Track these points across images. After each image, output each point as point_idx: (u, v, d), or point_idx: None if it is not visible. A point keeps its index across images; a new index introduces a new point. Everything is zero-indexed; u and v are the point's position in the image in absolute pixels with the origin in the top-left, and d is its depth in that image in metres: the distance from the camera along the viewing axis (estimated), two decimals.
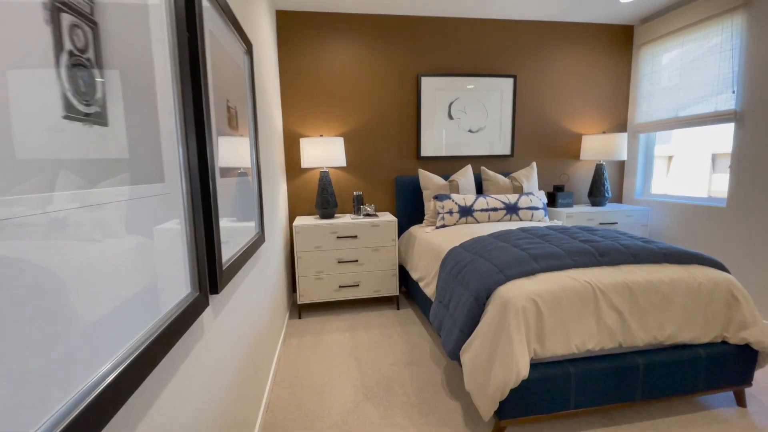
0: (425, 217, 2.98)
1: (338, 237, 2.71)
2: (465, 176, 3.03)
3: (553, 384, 1.46)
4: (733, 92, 2.57)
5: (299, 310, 2.78)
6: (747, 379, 1.63)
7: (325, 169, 2.87)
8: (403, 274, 3.15)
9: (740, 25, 2.50)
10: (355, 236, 2.73)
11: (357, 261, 2.77)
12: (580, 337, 1.50)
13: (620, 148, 3.20)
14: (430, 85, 3.16)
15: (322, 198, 2.83)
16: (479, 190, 3.27)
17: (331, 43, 3.00)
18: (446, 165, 3.32)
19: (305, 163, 2.77)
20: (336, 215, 3.05)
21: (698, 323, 1.60)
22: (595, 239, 1.91)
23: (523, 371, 1.37)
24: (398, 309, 2.91)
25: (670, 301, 1.58)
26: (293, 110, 3.02)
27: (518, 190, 3.06)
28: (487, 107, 3.28)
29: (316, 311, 2.92)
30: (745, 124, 2.52)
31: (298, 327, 2.63)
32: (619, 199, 3.68)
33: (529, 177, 3.12)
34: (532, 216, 2.85)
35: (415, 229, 2.94)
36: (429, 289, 2.30)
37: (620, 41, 3.44)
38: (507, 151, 3.37)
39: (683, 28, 2.90)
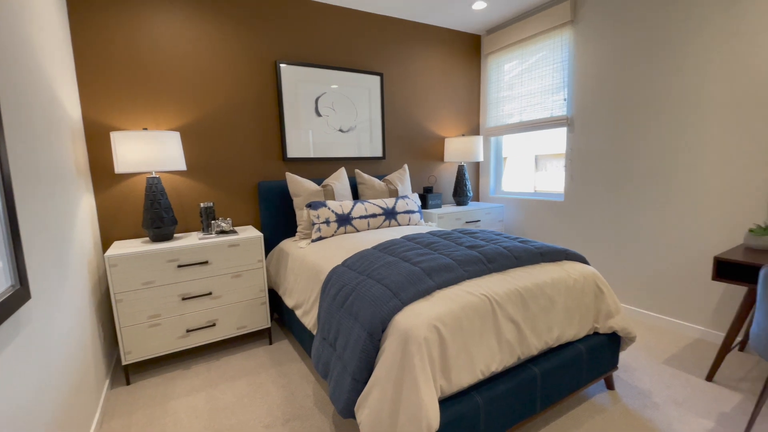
0: (298, 229, 2.54)
1: (180, 266, 2.04)
2: (340, 180, 2.72)
3: (463, 422, 1.26)
4: (565, 100, 2.95)
5: (126, 372, 2.00)
6: (615, 363, 1.77)
7: (154, 175, 2.15)
8: (275, 299, 2.64)
9: (569, 40, 2.86)
10: (206, 262, 2.11)
11: (211, 294, 2.15)
12: (484, 360, 1.34)
13: (477, 150, 3.39)
14: (291, 75, 2.73)
15: (153, 214, 2.10)
16: (355, 195, 3.01)
17: (157, 12, 2.27)
18: (317, 168, 2.95)
19: (121, 166, 2.00)
20: (176, 236, 2.34)
21: (576, 320, 1.64)
22: (479, 244, 1.83)
23: (434, 422, 1.11)
24: (271, 344, 2.40)
25: (554, 302, 1.58)
26: (99, 95, 2.18)
27: (394, 193, 2.91)
28: (357, 105, 3.04)
29: (153, 370, 2.17)
30: (575, 127, 2.91)
31: (126, 398, 1.87)
32: (477, 197, 3.94)
33: (403, 179, 3.00)
34: (410, 220, 2.73)
35: (286, 245, 2.48)
36: (308, 319, 1.89)
37: (472, 49, 3.65)
38: (379, 153, 3.20)
39: (522, 40, 3.22)
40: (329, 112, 2.92)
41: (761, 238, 1.85)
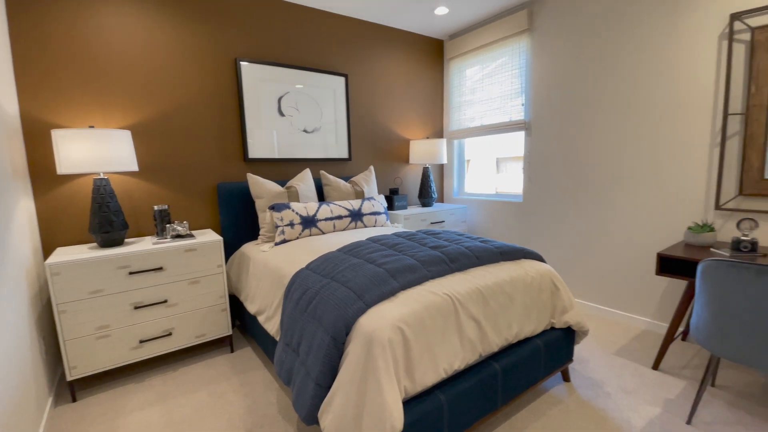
0: (261, 232, 2.47)
1: (132, 273, 1.93)
2: (304, 181, 2.67)
3: (427, 421, 1.27)
4: (523, 105, 3.07)
5: (72, 389, 1.85)
6: (570, 356, 1.85)
7: (102, 176, 2.01)
8: (237, 305, 2.55)
9: (526, 47, 2.98)
10: (161, 268, 2.00)
11: (166, 302, 2.04)
12: (447, 359, 1.36)
13: (441, 152, 3.45)
14: (252, 73, 2.65)
15: (101, 218, 1.97)
16: (320, 196, 2.97)
17: (107, 3, 2.13)
18: (281, 169, 2.88)
19: (64, 167, 1.86)
20: (127, 241, 2.20)
21: (534, 316, 1.71)
22: (441, 244, 1.86)
23: (398, 423, 1.12)
24: (232, 351, 2.32)
25: (513, 300, 1.63)
26: (40, 89, 2.01)
27: (360, 195, 2.90)
28: (322, 106, 3.01)
29: (103, 385, 2.03)
30: (532, 131, 3.03)
31: (72, 417, 1.74)
32: (442, 199, 4.02)
33: (369, 181, 3.00)
34: (376, 221, 2.73)
35: (248, 248, 2.40)
36: (271, 325, 1.84)
37: (435, 53, 3.72)
38: (345, 154, 3.18)
39: (483, 46, 3.32)
40: (293, 112, 2.87)
41: (699, 235, 2.02)
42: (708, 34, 2.08)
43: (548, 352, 1.72)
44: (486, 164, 3.69)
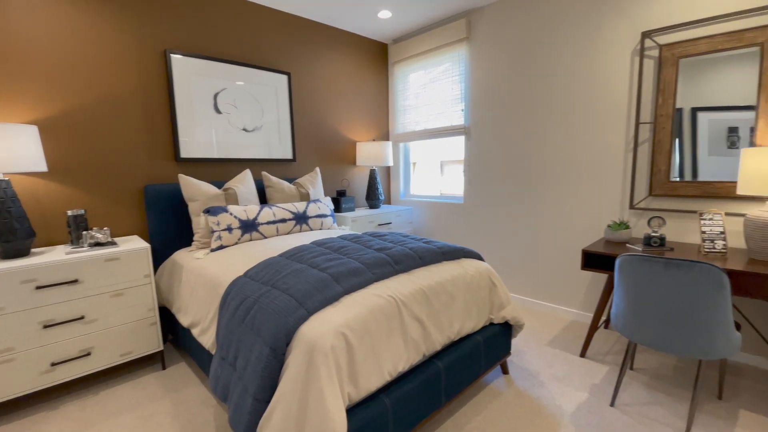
0: (195, 238, 2.31)
1: (39, 287, 1.70)
2: (244, 183, 2.54)
3: (372, 427, 1.26)
4: (462, 110, 3.19)
5: None
6: (508, 350, 1.95)
7: (2, 177, 1.75)
8: (169, 318, 2.36)
9: (465, 54, 3.10)
10: (75, 281, 1.79)
11: (83, 318, 1.82)
12: (392, 361, 1.36)
13: (386, 154, 3.48)
14: (185, 66, 2.47)
15: (1, 225, 1.71)
16: (263, 199, 2.85)
17: None
18: (218, 169, 2.72)
19: None
20: (34, 251, 1.94)
21: (474, 313, 1.78)
22: (386, 246, 1.87)
23: None
24: (164, 369, 2.13)
25: (455, 298, 1.68)
26: None
27: (305, 197, 2.83)
28: (263, 104, 2.89)
29: (7, 416, 1.76)
30: (471, 136, 3.16)
31: None
32: (389, 200, 4.05)
33: (314, 183, 2.94)
34: (322, 224, 2.68)
35: (181, 256, 2.23)
36: (206, 338, 1.72)
37: (380, 56, 3.75)
38: (289, 155, 3.09)
39: (426, 51, 3.40)
40: (231, 109, 2.72)
41: (616, 232, 2.23)
42: (623, 49, 2.31)
43: (488, 347, 1.79)
44: (431, 167, 3.78)
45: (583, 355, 2.17)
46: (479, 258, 2.00)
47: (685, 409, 1.69)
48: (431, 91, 3.44)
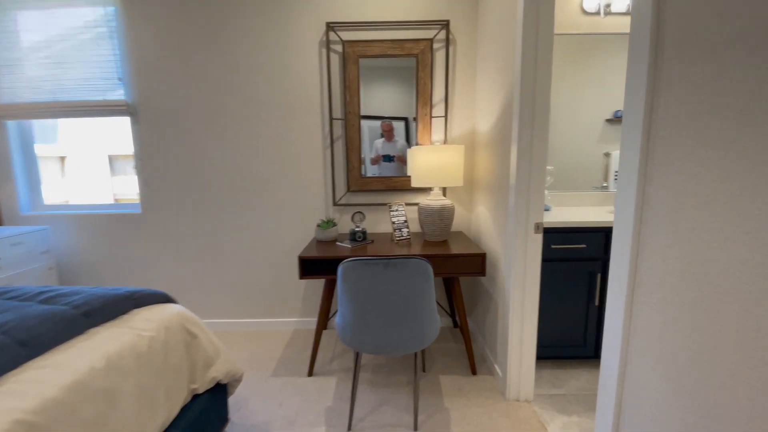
0: None
1: None
2: None
3: None
4: (120, 80, 2.21)
5: None
6: (226, 417, 1.38)
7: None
8: None
9: (117, 7, 2.12)
10: None
11: None
12: None
13: None
14: None
15: None
16: None
17: None
18: None
19: None
20: None
21: (163, 398, 1.09)
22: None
23: None
24: None
25: (117, 397, 0.95)
26: None
27: None
28: None
29: None
30: (140, 119, 2.26)
31: None
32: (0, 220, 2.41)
33: None
34: None
35: None
36: None
37: None
38: None
39: None
40: None
41: (326, 230, 2.10)
42: (311, 40, 2.17)
43: None
44: (92, 162, 2.52)
45: (310, 374, 1.93)
46: (166, 299, 1.31)
47: (405, 395, 1.74)
48: (63, 47, 2.19)
